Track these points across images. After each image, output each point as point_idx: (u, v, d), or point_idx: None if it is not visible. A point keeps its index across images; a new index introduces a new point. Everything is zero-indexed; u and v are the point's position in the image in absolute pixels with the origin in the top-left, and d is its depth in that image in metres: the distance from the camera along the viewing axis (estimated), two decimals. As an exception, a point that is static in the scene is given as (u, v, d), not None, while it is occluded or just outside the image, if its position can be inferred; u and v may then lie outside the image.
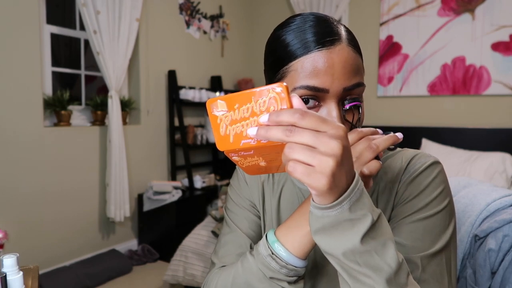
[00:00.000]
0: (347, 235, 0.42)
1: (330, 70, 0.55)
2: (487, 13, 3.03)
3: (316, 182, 0.38)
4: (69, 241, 2.63)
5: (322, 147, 0.38)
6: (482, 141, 3.02)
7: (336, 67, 0.55)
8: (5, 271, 0.68)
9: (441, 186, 0.61)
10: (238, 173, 0.79)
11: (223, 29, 3.90)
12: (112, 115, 2.72)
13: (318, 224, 0.43)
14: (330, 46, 0.55)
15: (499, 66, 3.01)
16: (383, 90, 3.50)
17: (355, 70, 0.57)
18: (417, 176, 0.62)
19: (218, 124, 0.45)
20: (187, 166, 3.27)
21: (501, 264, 0.82)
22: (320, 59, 0.55)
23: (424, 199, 0.60)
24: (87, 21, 2.54)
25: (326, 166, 0.38)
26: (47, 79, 2.57)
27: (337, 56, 0.55)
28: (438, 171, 0.62)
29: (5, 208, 2.27)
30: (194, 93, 3.31)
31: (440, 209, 0.59)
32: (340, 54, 0.55)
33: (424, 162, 0.63)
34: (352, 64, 0.56)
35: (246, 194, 0.75)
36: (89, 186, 2.74)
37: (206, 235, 2.24)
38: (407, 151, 0.67)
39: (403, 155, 0.66)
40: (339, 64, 0.55)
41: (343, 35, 0.57)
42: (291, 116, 0.39)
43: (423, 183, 0.61)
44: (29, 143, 2.37)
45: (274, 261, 0.55)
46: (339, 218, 0.42)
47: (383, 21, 3.47)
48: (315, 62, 0.55)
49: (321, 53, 0.55)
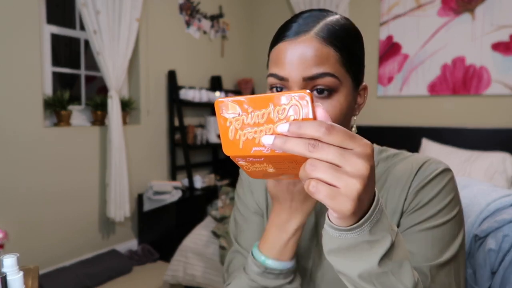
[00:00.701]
0: (364, 257, 0.40)
1: (289, 59, 0.56)
2: (487, 13, 3.03)
3: (341, 205, 0.36)
4: (69, 241, 2.63)
5: (349, 167, 0.35)
6: (482, 141, 3.02)
7: (295, 56, 0.56)
8: (5, 271, 0.68)
9: (451, 194, 0.60)
10: (243, 181, 0.79)
11: (223, 29, 3.90)
12: (112, 115, 2.72)
13: (333, 245, 0.41)
14: (294, 36, 0.57)
15: (499, 66, 3.01)
16: (383, 90, 3.50)
17: (318, 60, 0.56)
18: (427, 183, 0.60)
19: (227, 127, 0.42)
20: (187, 166, 3.27)
21: (501, 264, 0.82)
22: (283, 49, 0.57)
23: (434, 207, 0.59)
24: (87, 21, 2.54)
25: (352, 189, 0.35)
26: (47, 79, 2.57)
27: (298, 47, 0.56)
28: (448, 179, 0.61)
29: (5, 208, 2.27)
30: (194, 93, 3.31)
31: (450, 218, 0.59)
32: (302, 45, 0.56)
33: (435, 168, 0.62)
34: (315, 55, 0.56)
35: (251, 202, 0.76)
36: (89, 186, 2.74)
37: (206, 235, 2.24)
38: (418, 157, 0.66)
39: (414, 160, 0.64)
40: (299, 53, 0.56)
41: (315, 27, 0.57)
42: (316, 129, 0.36)
43: (434, 190, 0.60)
44: (29, 143, 2.37)
45: (271, 274, 0.60)
46: (358, 240, 0.39)
47: (383, 21, 3.47)
48: (279, 52, 0.58)
49: (285, 43, 0.57)
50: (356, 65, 0.60)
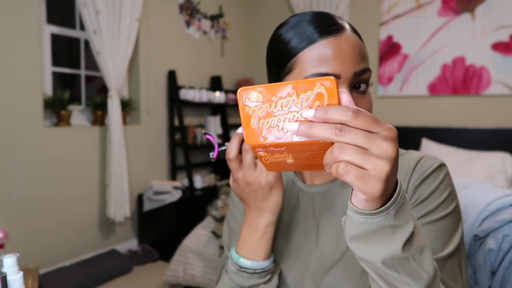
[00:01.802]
0: (388, 242, 0.40)
1: (340, 55, 0.55)
2: (487, 13, 3.03)
3: (370, 187, 0.36)
4: (69, 241, 2.63)
5: (376, 149, 0.36)
6: (482, 141, 3.02)
7: (346, 52, 0.56)
8: (5, 271, 0.68)
9: (449, 188, 0.61)
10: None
11: (223, 29, 3.90)
12: (112, 115, 2.72)
13: (356, 230, 0.41)
14: (336, 33, 0.56)
15: (499, 66, 3.01)
16: (383, 90, 3.50)
17: (363, 55, 0.58)
18: (426, 179, 0.61)
19: (249, 115, 0.41)
20: (187, 166, 3.27)
21: (501, 264, 0.82)
22: (329, 46, 0.56)
23: (434, 202, 0.60)
24: (87, 21, 2.54)
25: (381, 170, 0.36)
26: (47, 79, 2.57)
27: (345, 42, 0.56)
28: (445, 174, 0.62)
29: (5, 208, 2.27)
30: (194, 93, 3.31)
31: (449, 211, 0.60)
32: (347, 40, 0.56)
33: (431, 164, 0.62)
34: (360, 50, 0.57)
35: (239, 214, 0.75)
36: (89, 186, 2.74)
37: (206, 235, 2.24)
38: (413, 153, 0.66)
39: (410, 157, 0.65)
40: (348, 49, 0.56)
41: (346, 24, 0.59)
42: (343, 113, 0.36)
43: (432, 185, 0.61)
44: (29, 143, 2.37)
45: (245, 273, 0.62)
46: (383, 224, 0.39)
47: (383, 21, 3.47)
48: (323, 50, 0.56)
49: (328, 41, 0.56)
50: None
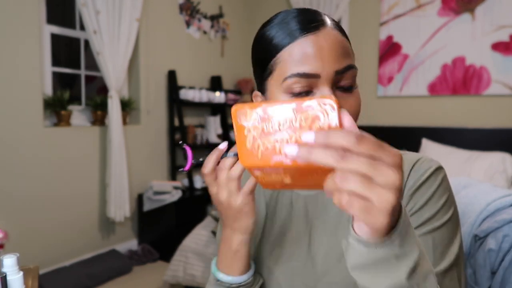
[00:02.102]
0: (393, 271, 0.38)
1: (319, 54, 0.53)
2: (487, 13, 3.03)
3: (375, 219, 0.34)
4: (69, 241, 2.63)
5: (380, 178, 0.33)
6: (482, 141, 3.02)
7: (325, 50, 0.53)
8: (5, 271, 0.68)
9: (446, 193, 0.59)
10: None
11: (223, 29, 3.90)
12: (112, 115, 2.72)
13: (359, 260, 0.39)
14: (315, 31, 0.54)
15: (499, 66, 3.01)
16: (383, 90, 3.50)
17: (345, 52, 0.55)
18: (422, 184, 0.58)
19: (245, 135, 0.39)
20: (187, 166, 3.26)
21: (501, 264, 0.82)
22: (308, 44, 0.54)
23: (430, 210, 0.57)
24: (87, 21, 2.54)
25: (386, 201, 0.33)
26: (47, 79, 2.57)
27: (324, 40, 0.54)
28: (442, 178, 0.59)
29: (5, 208, 2.27)
30: (194, 93, 3.31)
31: (447, 219, 0.57)
32: (327, 38, 0.54)
33: (427, 167, 0.59)
34: (341, 47, 0.54)
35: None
36: (89, 186, 2.74)
37: (206, 235, 2.24)
38: (408, 155, 0.63)
39: (405, 159, 0.61)
40: (327, 47, 0.53)
41: (327, 20, 0.56)
42: (345, 138, 0.33)
43: (429, 191, 0.58)
44: (29, 143, 2.37)
45: (222, 286, 0.62)
46: (387, 254, 0.37)
47: (383, 21, 3.47)
48: (303, 49, 0.54)
49: (307, 39, 0.54)
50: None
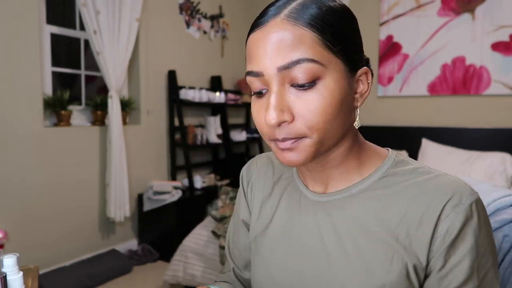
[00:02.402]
0: None
1: (261, 50, 0.49)
2: (487, 13, 3.03)
3: None
4: (69, 241, 2.63)
5: None
6: (482, 141, 3.02)
7: (266, 45, 0.49)
8: (5, 271, 0.68)
9: (487, 237, 0.52)
10: (241, 194, 0.76)
11: (223, 29, 3.90)
12: (112, 115, 2.72)
13: None
14: (262, 26, 0.50)
15: (499, 66, 3.01)
16: (383, 90, 3.50)
17: (291, 45, 0.48)
18: (456, 239, 0.50)
19: None
20: (187, 166, 3.27)
21: (501, 264, 0.82)
22: (253, 41, 0.51)
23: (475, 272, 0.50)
24: (87, 21, 2.54)
25: None
26: (47, 79, 2.57)
27: (267, 34, 0.49)
28: (477, 221, 0.51)
29: (5, 208, 2.27)
30: (194, 93, 3.31)
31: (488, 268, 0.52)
32: (271, 31, 0.49)
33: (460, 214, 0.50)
34: (286, 39, 0.48)
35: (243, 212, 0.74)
36: (89, 186, 2.74)
37: (206, 235, 2.24)
38: (443, 183, 0.53)
39: (438, 189, 0.52)
40: (268, 41, 0.48)
41: (286, 9, 0.49)
42: None
43: (462, 248, 0.50)
44: (29, 143, 2.37)
45: None
46: None
47: (383, 21, 3.47)
48: (250, 46, 0.51)
49: (255, 34, 0.51)
50: (348, 46, 0.52)
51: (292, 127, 0.50)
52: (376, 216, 0.55)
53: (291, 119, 0.50)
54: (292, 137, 0.51)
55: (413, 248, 0.52)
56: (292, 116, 0.50)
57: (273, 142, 0.53)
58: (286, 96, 0.50)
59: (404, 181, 0.55)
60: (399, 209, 0.53)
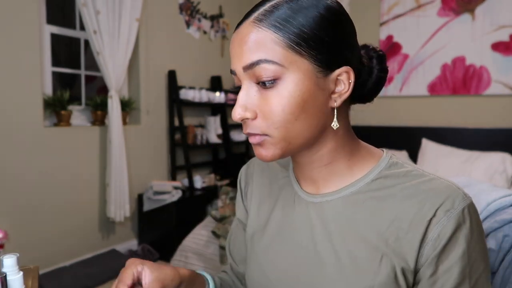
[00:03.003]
0: None
1: (233, 51, 0.54)
2: (487, 13, 3.03)
3: None
4: (69, 241, 2.63)
5: None
6: (482, 141, 3.02)
7: (236, 46, 0.53)
8: (5, 271, 0.68)
9: (477, 247, 0.52)
10: (240, 193, 0.77)
11: (223, 29, 3.90)
12: (112, 115, 2.72)
13: None
14: (239, 27, 0.54)
15: (499, 66, 3.01)
16: (383, 90, 3.48)
17: (254, 47, 0.51)
18: (447, 244, 0.50)
19: None
20: (187, 166, 3.27)
21: (501, 264, 0.82)
22: (231, 41, 0.55)
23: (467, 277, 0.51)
24: (87, 21, 2.54)
25: None
26: (47, 79, 2.57)
27: (238, 36, 0.53)
28: (469, 227, 0.51)
29: (5, 208, 2.27)
30: (194, 93, 3.31)
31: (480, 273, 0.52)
32: (241, 34, 0.53)
33: (452, 219, 0.50)
34: (250, 41, 0.51)
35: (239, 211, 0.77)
36: (89, 186, 2.74)
37: (206, 235, 2.23)
38: (436, 187, 0.53)
39: (431, 192, 0.52)
40: (238, 42, 0.53)
41: (257, 11, 0.52)
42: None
43: (453, 254, 0.51)
44: (29, 143, 2.37)
45: None
46: None
47: (383, 21, 3.47)
48: (230, 45, 0.56)
49: (233, 35, 0.55)
50: (320, 45, 0.51)
51: (255, 124, 0.53)
52: (366, 218, 0.55)
53: (253, 117, 0.53)
54: (255, 133, 0.54)
55: (402, 251, 0.52)
56: (255, 114, 0.53)
57: (248, 137, 0.56)
58: (252, 94, 0.53)
59: (397, 184, 0.55)
60: (390, 212, 0.54)
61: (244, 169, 0.77)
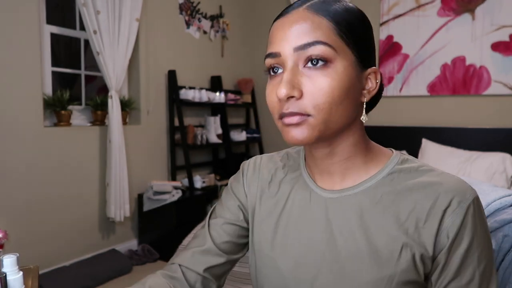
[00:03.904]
0: None
1: (280, 33, 0.55)
2: (487, 13, 3.03)
3: None
4: (69, 241, 2.63)
5: None
6: (482, 141, 3.02)
7: (286, 30, 0.55)
8: (5, 271, 0.68)
9: (482, 239, 0.56)
10: (240, 180, 0.75)
11: (223, 29, 3.90)
12: (112, 115, 2.72)
13: None
14: (285, 14, 0.57)
15: (499, 66, 3.01)
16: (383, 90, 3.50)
17: (309, 29, 0.54)
18: (456, 236, 0.55)
19: None
20: (187, 166, 3.27)
21: (501, 264, 0.82)
22: (275, 27, 0.57)
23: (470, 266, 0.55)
24: (87, 21, 2.54)
25: None
26: (47, 79, 2.57)
27: (288, 21, 0.55)
28: (475, 218, 0.55)
29: (5, 208, 2.27)
30: (194, 93, 3.31)
31: (485, 265, 0.56)
32: (291, 18, 0.55)
33: (462, 211, 0.55)
34: (305, 24, 0.54)
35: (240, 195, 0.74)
36: (89, 186, 2.74)
37: (206, 235, 2.23)
38: (446, 181, 0.57)
39: (443, 186, 0.56)
40: (289, 26, 0.55)
41: (309, 2, 0.56)
42: None
43: (465, 244, 0.55)
44: (29, 143, 2.37)
45: None
46: None
47: (383, 21, 3.47)
48: (272, 32, 0.58)
49: (278, 22, 0.57)
50: (361, 42, 0.56)
51: (299, 103, 0.54)
52: (385, 211, 0.58)
53: (299, 96, 0.54)
54: (298, 112, 0.54)
55: (422, 239, 0.56)
56: (301, 92, 0.54)
57: (280, 121, 0.57)
58: (298, 75, 0.54)
59: (410, 179, 0.59)
60: (407, 204, 0.57)
61: (253, 161, 0.76)
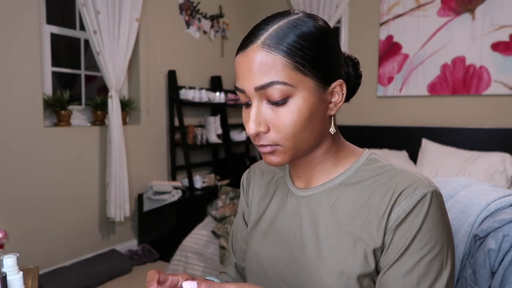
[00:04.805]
0: None
1: (242, 71, 0.59)
2: (487, 13, 3.03)
3: None
4: (69, 241, 2.63)
5: None
6: (482, 141, 3.02)
7: (245, 68, 0.58)
8: (5, 271, 0.68)
9: (431, 231, 0.57)
10: (241, 191, 0.86)
11: (223, 29, 3.90)
12: (112, 115, 2.72)
13: None
14: (245, 48, 0.59)
15: (499, 66, 3.01)
16: (383, 90, 3.50)
17: (264, 69, 0.57)
18: (402, 222, 0.58)
19: None
20: (187, 166, 3.27)
21: (501, 264, 0.82)
22: (238, 62, 0.60)
23: (413, 255, 0.57)
24: (87, 21, 2.55)
25: None
26: (47, 79, 2.57)
27: (246, 58, 0.58)
28: (426, 210, 0.57)
29: (5, 208, 2.27)
30: (194, 93, 3.31)
31: (431, 258, 0.57)
32: (249, 56, 0.58)
33: (411, 201, 0.58)
34: (261, 64, 0.57)
35: (243, 206, 0.85)
36: (89, 186, 2.74)
37: (206, 235, 2.23)
38: (403, 177, 0.61)
39: (398, 181, 0.60)
40: (247, 65, 0.58)
41: (262, 35, 0.58)
42: None
43: (410, 231, 0.57)
44: (29, 143, 2.37)
45: None
46: None
47: (383, 21, 3.47)
48: (236, 65, 0.61)
49: (239, 56, 0.60)
50: (320, 64, 0.59)
51: (267, 136, 0.60)
52: (344, 206, 0.64)
53: (266, 130, 0.60)
54: (267, 144, 0.61)
55: (372, 232, 0.60)
56: (267, 127, 0.60)
57: (258, 147, 0.64)
58: (263, 111, 0.60)
59: (372, 176, 0.64)
60: (363, 198, 0.63)
61: (246, 173, 0.86)
